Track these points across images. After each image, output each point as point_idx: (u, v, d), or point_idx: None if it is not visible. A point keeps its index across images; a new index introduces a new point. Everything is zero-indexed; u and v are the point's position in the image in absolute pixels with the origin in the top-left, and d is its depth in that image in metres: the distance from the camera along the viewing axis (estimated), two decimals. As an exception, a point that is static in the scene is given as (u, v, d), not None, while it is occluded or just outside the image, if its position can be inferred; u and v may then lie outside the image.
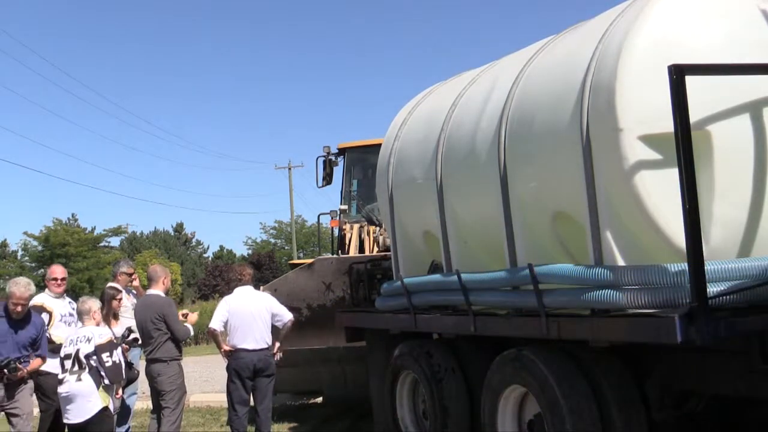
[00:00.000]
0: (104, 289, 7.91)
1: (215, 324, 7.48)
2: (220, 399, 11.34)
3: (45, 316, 7.38)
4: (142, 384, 8.65)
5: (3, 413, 6.82)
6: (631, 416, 4.71)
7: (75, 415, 6.64)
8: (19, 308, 6.72)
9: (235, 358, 7.41)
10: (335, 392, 10.10)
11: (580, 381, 4.83)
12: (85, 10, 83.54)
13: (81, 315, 6.97)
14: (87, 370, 6.56)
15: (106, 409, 6.51)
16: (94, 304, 6.92)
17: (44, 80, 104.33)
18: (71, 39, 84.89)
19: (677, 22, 4.45)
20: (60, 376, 6.73)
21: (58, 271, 7.93)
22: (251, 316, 7.45)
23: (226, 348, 7.47)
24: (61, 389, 6.72)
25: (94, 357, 6.56)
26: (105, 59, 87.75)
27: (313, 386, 10.34)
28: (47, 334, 7.23)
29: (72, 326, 7.37)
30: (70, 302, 7.91)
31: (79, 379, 6.60)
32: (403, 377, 7.01)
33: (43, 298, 7.68)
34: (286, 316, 7.67)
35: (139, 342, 7.66)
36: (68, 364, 6.66)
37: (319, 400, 10.97)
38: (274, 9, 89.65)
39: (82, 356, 6.60)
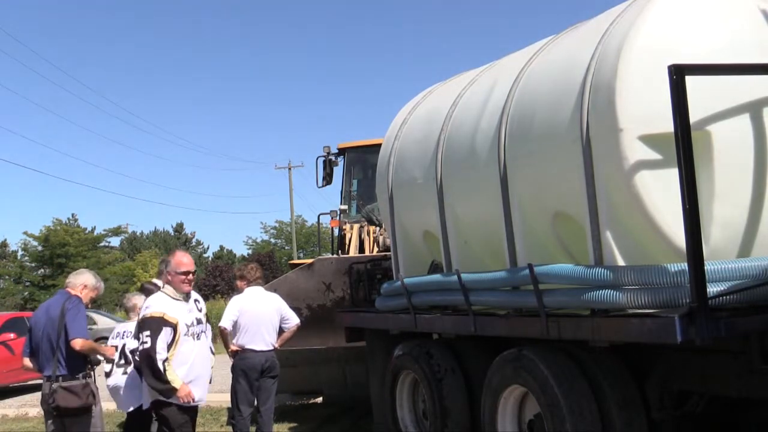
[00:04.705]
0: (143, 284, 8.01)
1: (226, 323, 7.43)
2: (220, 399, 11.34)
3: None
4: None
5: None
6: (631, 416, 4.70)
7: (124, 404, 6.94)
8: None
9: (242, 358, 7.38)
10: (335, 392, 10.10)
11: (580, 381, 4.83)
12: (86, 9, 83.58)
13: (127, 311, 7.28)
14: (132, 364, 6.75)
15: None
16: (139, 300, 7.03)
17: (44, 80, 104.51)
18: (72, 39, 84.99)
19: (677, 21, 4.45)
20: (106, 369, 7.03)
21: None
22: (261, 317, 7.45)
23: (234, 348, 7.45)
24: (109, 381, 7.02)
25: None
26: (105, 59, 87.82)
27: (313, 386, 10.33)
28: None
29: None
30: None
31: (125, 373, 6.89)
32: (403, 377, 7.01)
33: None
34: (294, 319, 7.68)
35: None
36: (116, 356, 6.88)
37: (319, 400, 10.97)
38: (273, 9, 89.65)
39: (128, 351, 6.82)
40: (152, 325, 5.48)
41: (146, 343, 5.44)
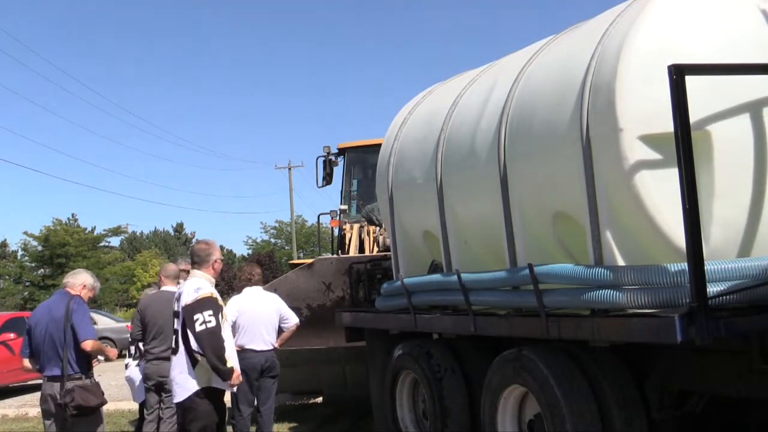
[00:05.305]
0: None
1: None
2: (220, 399, 11.34)
3: None
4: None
5: None
6: (631, 416, 4.70)
7: (136, 396, 7.36)
8: None
9: (242, 358, 7.35)
10: (335, 392, 10.09)
11: (580, 381, 4.83)
12: (85, 9, 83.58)
13: None
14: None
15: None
16: None
17: (44, 80, 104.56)
18: (71, 38, 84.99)
19: (677, 21, 4.45)
20: (125, 361, 7.49)
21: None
22: (260, 317, 7.44)
23: None
24: (126, 373, 7.49)
25: None
26: (105, 59, 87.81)
27: (313, 386, 10.33)
28: None
29: None
30: None
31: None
32: (403, 377, 7.01)
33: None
34: (293, 319, 7.68)
35: None
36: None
37: (319, 400, 10.97)
38: (274, 9, 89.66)
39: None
40: (212, 304, 5.25)
41: (210, 322, 5.17)
